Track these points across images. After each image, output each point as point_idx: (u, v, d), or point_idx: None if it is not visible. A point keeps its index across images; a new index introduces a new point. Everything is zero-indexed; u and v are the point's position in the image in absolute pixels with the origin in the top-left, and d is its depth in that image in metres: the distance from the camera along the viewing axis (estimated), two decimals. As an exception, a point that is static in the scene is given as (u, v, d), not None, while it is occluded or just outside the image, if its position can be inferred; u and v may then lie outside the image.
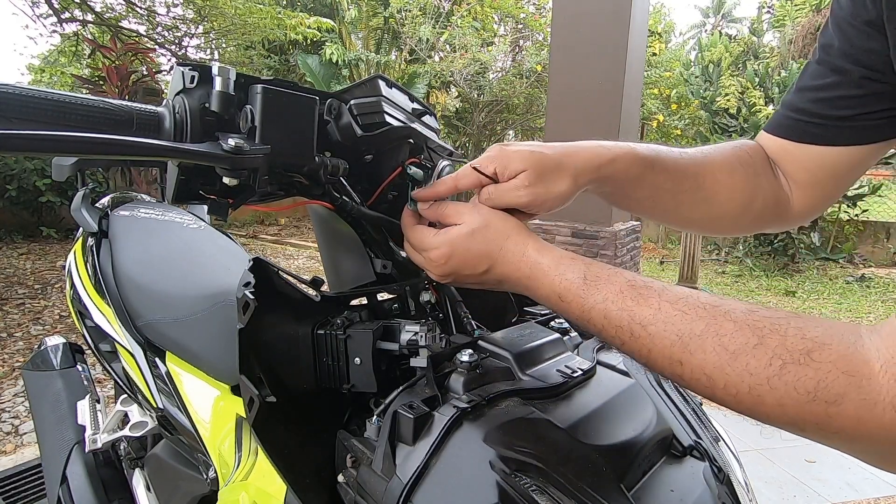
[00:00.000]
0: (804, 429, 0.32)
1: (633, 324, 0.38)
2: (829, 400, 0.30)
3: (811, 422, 0.31)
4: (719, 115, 7.30)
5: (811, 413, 0.31)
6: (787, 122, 0.58)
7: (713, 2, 26.79)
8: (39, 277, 4.23)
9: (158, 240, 0.99)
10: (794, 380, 0.31)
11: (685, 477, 0.45)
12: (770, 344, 0.33)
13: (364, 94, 0.59)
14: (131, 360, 0.82)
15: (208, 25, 6.55)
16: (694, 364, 0.35)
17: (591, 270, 0.42)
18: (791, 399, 0.31)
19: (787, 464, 2.05)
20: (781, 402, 0.32)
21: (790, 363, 0.32)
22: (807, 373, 0.31)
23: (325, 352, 0.50)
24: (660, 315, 0.37)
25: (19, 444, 2.04)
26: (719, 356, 0.34)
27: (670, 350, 0.36)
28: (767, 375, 0.32)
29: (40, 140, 0.37)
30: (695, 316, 0.36)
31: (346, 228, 0.62)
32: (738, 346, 0.34)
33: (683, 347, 0.36)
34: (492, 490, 0.36)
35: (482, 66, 8.32)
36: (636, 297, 0.39)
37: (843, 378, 0.30)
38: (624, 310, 0.39)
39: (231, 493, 0.52)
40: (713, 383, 0.35)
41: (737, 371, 0.33)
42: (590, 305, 0.40)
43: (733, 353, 0.34)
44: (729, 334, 0.34)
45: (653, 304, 0.38)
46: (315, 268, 5.49)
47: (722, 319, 0.35)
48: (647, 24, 3.97)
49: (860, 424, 0.30)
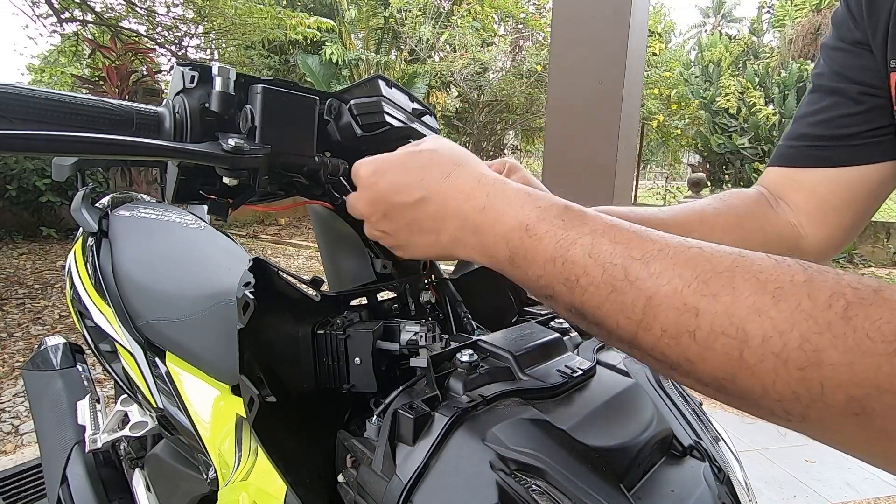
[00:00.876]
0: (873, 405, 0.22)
1: (631, 260, 0.28)
2: None
3: (891, 389, 0.21)
4: (719, 115, 7.30)
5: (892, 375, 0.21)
6: (789, 151, 0.56)
7: (713, 2, 26.79)
8: (39, 277, 4.23)
9: (158, 240, 0.99)
10: (865, 323, 0.22)
11: (685, 477, 0.45)
12: (824, 282, 0.23)
13: (364, 94, 0.59)
14: (131, 360, 0.82)
15: (208, 25, 6.55)
16: (717, 311, 0.25)
17: (575, 206, 0.33)
18: (864, 352, 0.22)
19: (787, 464, 2.05)
20: (850, 360, 0.22)
21: (857, 303, 0.22)
22: (882, 315, 0.22)
23: (325, 352, 0.50)
24: (667, 249, 0.27)
25: (19, 444, 2.04)
26: (756, 295, 0.24)
27: (682, 294, 0.26)
28: (828, 319, 0.22)
29: (40, 140, 0.37)
30: (716, 252, 0.26)
31: (346, 228, 0.62)
32: (781, 281, 0.24)
33: (702, 288, 0.25)
34: (492, 490, 0.36)
35: (482, 66, 8.33)
36: (635, 232, 0.29)
37: None
38: (619, 243, 0.29)
39: (231, 493, 0.52)
40: (745, 337, 0.24)
41: (784, 313, 0.23)
42: (570, 239, 0.30)
43: (777, 289, 0.24)
44: (767, 269, 0.25)
45: (656, 238, 0.28)
46: (315, 268, 5.49)
47: (754, 255, 0.26)
48: (647, 25, 3.97)
49: None
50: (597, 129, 3.56)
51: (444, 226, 0.38)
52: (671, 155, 10.81)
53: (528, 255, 0.32)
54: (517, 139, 11.05)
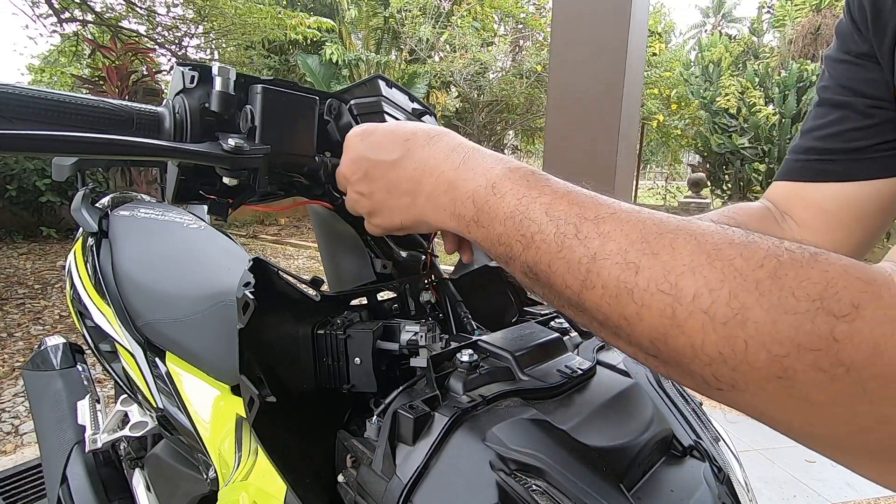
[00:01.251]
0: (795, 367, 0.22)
1: (583, 220, 0.29)
2: (839, 313, 0.21)
3: (811, 349, 0.22)
4: (719, 115, 7.30)
5: (813, 333, 0.22)
6: (797, 165, 0.54)
7: (713, 2, 26.79)
8: (39, 277, 4.23)
9: (158, 240, 0.99)
10: (793, 283, 0.22)
11: (685, 477, 0.45)
12: (762, 244, 0.24)
13: (364, 94, 0.59)
14: (131, 360, 0.82)
15: (208, 25, 6.55)
16: (655, 268, 0.26)
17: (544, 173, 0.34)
18: (787, 310, 0.22)
19: (787, 464, 2.05)
20: (773, 316, 0.22)
21: (789, 263, 0.23)
22: (811, 275, 0.22)
23: (325, 352, 0.50)
24: (619, 213, 0.29)
25: (19, 444, 2.04)
26: (694, 255, 0.25)
27: (626, 252, 0.27)
28: (758, 277, 0.23)
29: (40, 140, 0.37)
30: (664, 218, 0.28)
31: (346, 228, 0.62)
32: (719, 242, 0.25)
33: (645, 248, 0.26)
34: (492, 490, 0.36)
35: (482, 66, 8.33)
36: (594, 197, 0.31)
37: (858, 284, 0.22)
38: (574, 204, 0.30)
39: (231, 493, 0.52)
40: (679, 293, 0.25)
41: (715, 270, 0.24)
42: (532, 197, 0.32)
43: (713, 249, 0.25)
44: (709, 232, 0.26)
45: (611, 203, 0.30)
46: (315, 268, 5.49)
47: (698, 223, 0.27)
48: (647, 24, 3.97)
49: (875, 355, 0.21)
50: (597, 129, 3.56)
51: (421, 187, 0.39)
52: (671, 155, 10.82)
53: (492, 211, 0.34)
54: (517, 139, 11.06)
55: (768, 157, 6.85)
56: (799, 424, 0.25)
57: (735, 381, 0.24)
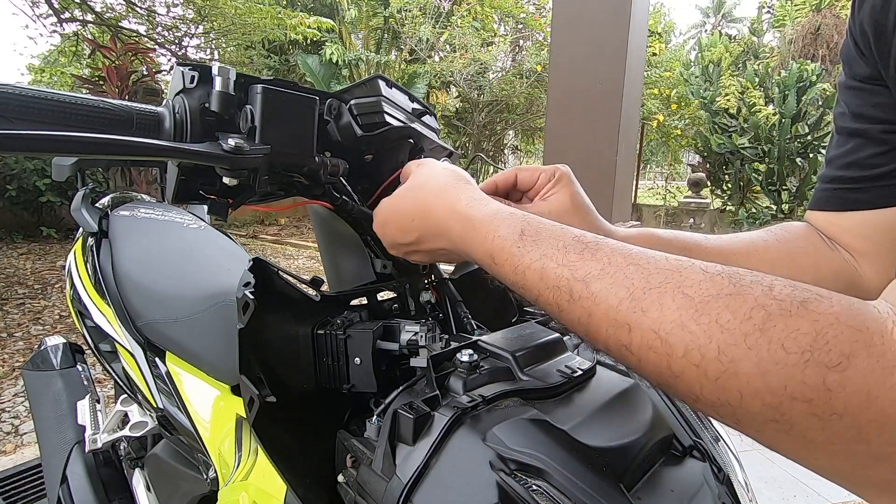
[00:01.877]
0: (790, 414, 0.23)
1: (574, 281, 0.30)
2: (830, 363, 0.22)
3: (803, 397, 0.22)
4: (719, 115, 7.30)
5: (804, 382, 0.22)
6: (825, 194, 0.54)
7: (713, 2, 26.79)
8: (39, 277, 4.23)
9: (158, 240, 0.99)
10: (782, 335, 0.22)
11: (685, 477, 0.45)
12: (751, 293, 0.24)
13: (364, 94, 0.59)
14: (131, 360, 0.82)
15: (208, 25, 6.55)
16: (645, 327, 0.26)
17: (532, 226, 0.35)
18: (777, 362, 0.22)
19: (787, 464, 2.04)
20: (763, 369, 0.23)
21: (778, 314, 0.23)
22: (801, 325, 0.22)
23: (325, 352, 0.50)
24: (608, 269, 0.29)
25: (19, 444, 2.04)
26: (681, 310, 0.25)
27: (616, 311, 0.28)
28: (745, 331, 0.23)
29: (40, 140, 0.37)
30: (654, 269, 0.28)
31: (346, 228, 0.62)
32: (707, 295, 0.25)
33: (634, 305, 0.27)
34: (492, 490, 0.36)
35: (482, 66, 8.33)
36: (582, 251, 0.31)
37: (848, 333, 0.22)
38: (564, 265, 0.31)
39: (231, 493, 0.52)
40: (670, 350, 0.25)
41: (703, 326, 0.24)
42: (525, 265, 0.33)
43: (700, 303, 0.25)
44: (696, 283, 0.26)
45: (601, 258, 0.30)
46: (315, 268, 5.49)
47: (689, 271, 0.27)
48: (647, 25, 3.97)
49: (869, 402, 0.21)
50: (597, 128, 3.56)
51: (441, 245, 0.45)
52: (671, 155, 10.82)
53: (499, 277, 0.37)
54: (517, 139, 11.06)
55: (768, 157, 6.84)
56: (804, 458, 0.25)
57: (738, 420, 0.25)
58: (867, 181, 0.50)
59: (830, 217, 0.55)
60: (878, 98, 0.47)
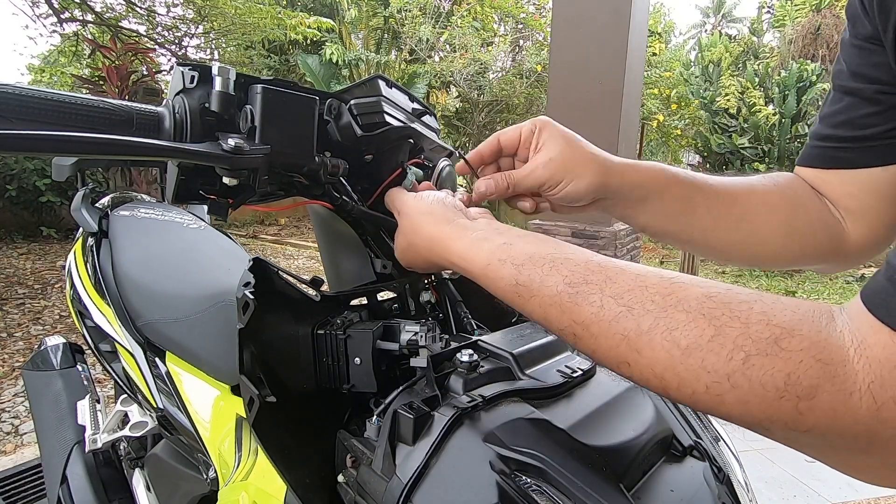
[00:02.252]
0: (770, 428, 0.28)
1: (575, 325, 0.35)
2: (801, 394, 0.26)
3: (779, 420, 0.27)
4: (719, 115, 7.30)
5: (780, 411, 0.27)
6: (815, 151, 0.55)
7: (713, 2, 26.79)
8: (39, 277, 4.23)
9: (158, 240, 0.99)
10: (760, 374, 0.27)
11: (685, 477, 0.45)
12: (730, 334, 0.28)
13: (364, 94, 0.59)
14: (131, 360, 0.82)
15: (208, 25, 6.55)
16: (642, 364, 0.31)
17: (523, 275, 0.38)
18: (757, 397, 0.27)
19: (787, 464, 2.05)
20: (745, 401, 0.27)
21: (755, 355, 0.27)
22: (775, 364, 0.27)
23: (325, 352, 0.50)
24: (602, 313, 0.33)
25: (19, 444, 2.04)
26: (670, 354, 0.30)
27: (616, 351, 0.32)
28: (728, 371, 0.28)
29: (40, 140, 0.37)
30: (642, 311, 0.32)
31: (346, 228, 0.62)
32: (691, 340, 0.29)
33: (629, 347, 0.32)
34: (492, 490, 0.36)
35: (482, 66, 8.32)
36: (574, 297, 0.35)
37: (816, 367, 0.26)
38: (563, 313, 0.35)
39: (231, 493, 0.52)
40: (665, 384, 0.30)
41: (691, 369, 0.29)
42: (528, 311, 0.38)
43: (686, 348, 0.29)
44: (681, 327, 0.30)
45: (594, 301, 0.34)
46: (315, 268, 5.49)
47: (673, 311, 0.31)
48: (647, 25, 3.97)
49: (834, 419, 0.26)
50: (597, 128, 3.56)
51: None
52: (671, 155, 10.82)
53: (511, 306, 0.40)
54: (517, 139, 11.02)
55: (768, 157, 6.84)
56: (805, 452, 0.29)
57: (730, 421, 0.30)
58: (857, 141, 0.51)
59: (819, 173, 0.55)
60: (878, 58, 0.47)
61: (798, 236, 0.55)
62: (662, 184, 0.53)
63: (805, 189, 0.56)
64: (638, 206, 0.53)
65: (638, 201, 0.53)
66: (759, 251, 0.56)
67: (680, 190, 0.53)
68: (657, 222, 0.54)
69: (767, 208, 0.54)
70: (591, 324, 0.34)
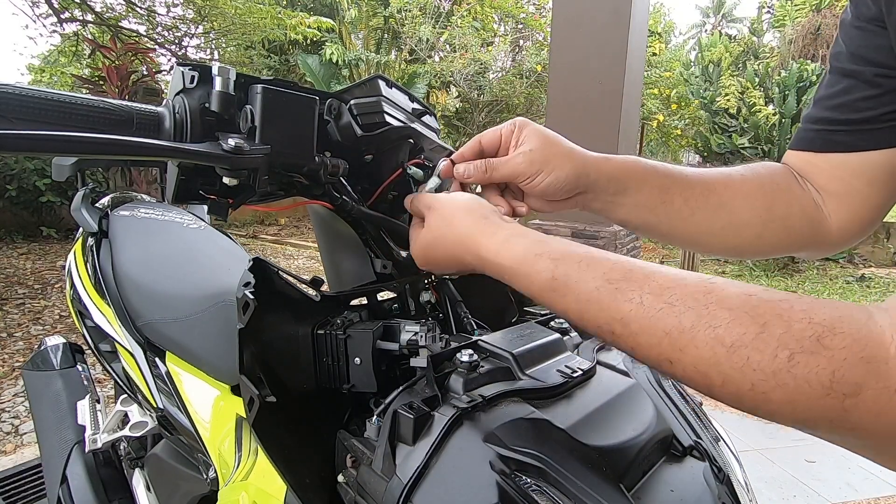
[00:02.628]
0: (816, 426, 0.28)
1: (613, 322, 0.34)
2: (847, 392, 0.26)
3: (825, 418, 0.27)
4: (719, 115, 7.29)
5: (825, 408, 0.27)
6: (809, 134, 0.55)
7: (713, 2, 26.79)
8: (39, 277, 4.23)
9: (158, 240, 0.99)
10: (805, 372, 0.27)
11: (685, 477, 0.45)
12: (773, 332, 0.28)
13: (364, 94, 0.59)
14: (131, 360, 0.82)
15: (208, 25, 6.55)
16: (686, 362, 0.31)
17: (560, 269, 0.38)
18: (803, 395, 0.27)
19: (787, 464, 2.05)
20: (791, 399, 0.27)
21: (799, 353, 0.27)
22: (820, 363, 0.27)
23: (325, 352, 0.50)
24: (642, 310, 0.33)
25: (19, 444, 2.04)
26: (714, 351, 0.30)
27: (658, 349, 0.32)
28: (774, 369, 0.28)
29: (40, 140, 0.37)
30: (683, 307, 0.32)
31: (346, 228, 0.62)
32: (735, 337, 0.29)
33: (672, 345, 0.31)
34: (492, 490, 0.36)
35: (482, 66, 8.32)
36: (613, 293, 0.35)
37: (860, 365, 0.26)
38: (602, 309, 0.35)
39: (231, 493, 0.52)
40: (710, 381, 0.30)
41: (736, 367, 0.29)
42: (562, 308, 0.38)
43: (731, 346, 0.29)
44: (724, 325, 0.30)
45: (633, 297, 0.34)
46: (315, 268, 5.49)
47: (715, 308, 0.31)
48: (647, 24, 3.97)
49: (879, 417, 0.26)
50: (597, 128, 3.56)
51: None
52: (671, 155, 10.81)
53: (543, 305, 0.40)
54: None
55: (768, 157, 6.84)
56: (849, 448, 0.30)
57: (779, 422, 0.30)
58: (853, 124, 0.51)
59: (809, 157, 0.55)
60: (879, 40, 0.47)
61: (776, 223, 0.55)
62: (639, 176, 0.53)
63: (785, 177, 0.57)
64: (616, 198, 0.54)
65: (616, 194, 0.53)
66: (738, 239, 0.56)
67: (657, 181, 0.53)
68: (636, 215, 0.55)
69: (744, 196, 0.55)
70: (631, 321, 0.33)
